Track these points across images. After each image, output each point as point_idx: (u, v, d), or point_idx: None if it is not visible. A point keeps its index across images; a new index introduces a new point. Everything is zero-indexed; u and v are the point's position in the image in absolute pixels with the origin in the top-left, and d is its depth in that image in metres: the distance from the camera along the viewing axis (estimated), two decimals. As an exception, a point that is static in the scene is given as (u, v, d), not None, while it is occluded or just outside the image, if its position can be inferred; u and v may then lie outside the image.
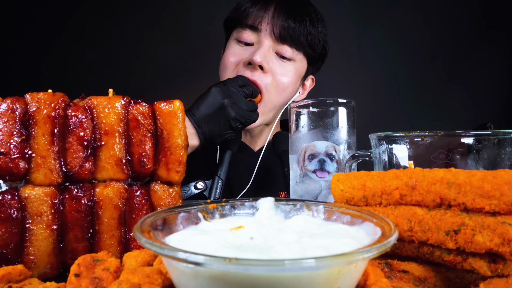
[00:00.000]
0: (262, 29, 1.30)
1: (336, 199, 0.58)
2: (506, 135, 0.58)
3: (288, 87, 1.35)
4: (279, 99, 1.36)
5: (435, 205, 0.49)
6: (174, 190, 0.70)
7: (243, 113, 1.10)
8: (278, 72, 1.32)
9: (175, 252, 0.37)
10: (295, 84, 1.40)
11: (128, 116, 0.67)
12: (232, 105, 1.08)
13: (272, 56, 1.31)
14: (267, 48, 1.30)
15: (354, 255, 0.36)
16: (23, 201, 0.60)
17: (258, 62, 1.25)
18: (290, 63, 1.34)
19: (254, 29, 1.31)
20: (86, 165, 0.64)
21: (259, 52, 1.27)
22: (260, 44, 1.30)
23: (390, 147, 0.67)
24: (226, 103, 1.08)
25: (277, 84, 1.32)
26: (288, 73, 1.34)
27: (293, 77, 1.36)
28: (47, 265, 0.61)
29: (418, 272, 0.50)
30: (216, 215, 0.56)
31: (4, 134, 0.59)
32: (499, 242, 0.43)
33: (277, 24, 1.29)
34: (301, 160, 0.85)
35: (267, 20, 1.29)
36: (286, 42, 1.30)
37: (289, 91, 1.38)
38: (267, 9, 1.31)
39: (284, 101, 1.39)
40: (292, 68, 1.35)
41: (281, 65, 1.33)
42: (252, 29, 1.31)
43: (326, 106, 0.84)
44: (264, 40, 1.30)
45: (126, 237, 0.67)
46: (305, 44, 1.33)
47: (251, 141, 1.51)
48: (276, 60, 1.32)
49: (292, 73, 1.35)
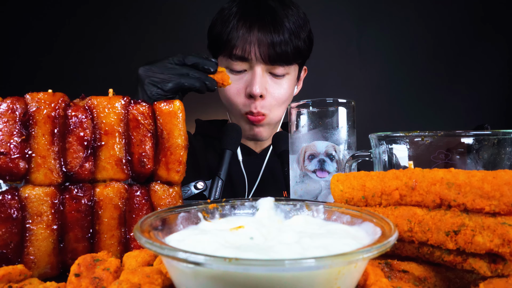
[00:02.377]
0: (251, 58, 1.32)
1: (335, 199, 0.58)
2: (506, 135, 0.58)
3: (287, 99, 1.44)
4: (282, 112, 1.46)
5: (435, 206, 0.49)
6: (174, 190, 0.70)
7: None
8: (276, 93, 1.39)
9: (175, 252, 0.37)
10: (292, 91, 1.48)
11: (128, 116, 0.67)
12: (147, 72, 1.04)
13: (267, 78, 1.37)
14: (261, 73, 1.34)
15: (354, 255, 0.36)
16: (23, 201, 0.60)
17: (258, 94, 1.33)
18: (284, 78, 1.40)
19: (245, 60, 1.34)
20: (86, 165, 0.64)
21: (255, 82, 1.32)
22: (253, 71, 1.34)
23: (390, 147, 0.67)
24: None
25: (278, 101, 1.40)
26: (285, 88, 1.40)
27: (290, 88, 1.43)
28: (47, 265, 0.61)
29: (418, 272, 0.50)
30: (216, 215, 0.56)
31: (4, 134, 0.59)
32: (499, 243, 0.43)
33: (264, 48, 1.30)
34: (301, 160, 0.85)
35: (255, 47, 1.31)
36: (277, 63, 1.34)
37: (288, 101, 1.45)
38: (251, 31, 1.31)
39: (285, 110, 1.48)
40: (288, 81, 1.41)
41: (277, 83, 1.39)
42: (243, 60, 1.34)
43: (326, 106, 0.84)
44: (256, 67, 1.34)
45: (126, 237, 0.67)
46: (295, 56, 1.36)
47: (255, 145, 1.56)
48: (271, 80, 1.38)
49: (289, 86, 1.42)
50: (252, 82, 1.33)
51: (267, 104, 1.38)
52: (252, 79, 1.34)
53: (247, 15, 1.34)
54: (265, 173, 1.46)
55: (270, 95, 1.38)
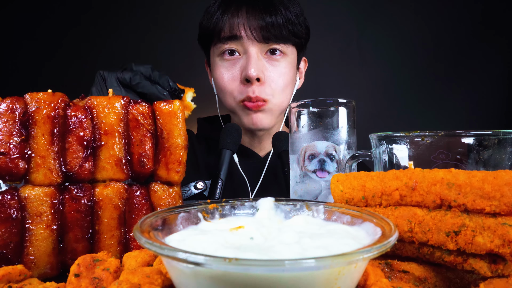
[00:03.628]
0: (243, 36, 1.27)
1: (335, 200, 0.57)
2: (507, 135, 0.58)
3: (288, 84, 1.36)
4: (284, 99, 1.37)
5: (435, 206, 0.49)
6: (174, 190, 0.70)
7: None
8: (275, 76, 1.32)
9: (175, 252, 0.37)
10: (293, 78, 1.40)
11: (128, 116, 0.67)
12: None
13: (263, 62, 1.31)
14: (256, 55, 1.28)
15: (354, 255, 0.36)
16: (23, 201, 0.60)
17: (255, 76, 1.25)
18: (282, 60, 1.33)
19: (234, 38, 1.28)
20: (86, 165, 0.64)
21: (251, 64, 1.26)
22: (248, 54, 1.28)
23: (390, 147, 0.66)
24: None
25: (278, 87, 1.33)
26: (284, 72, 1.33)
27: (290, 72, 1.36)
28: (47, 265, 0.61)
29: (418, 272, 0.50)
30: (216, 215, 0.56)
31: (3, 134, 0.59)
32: (500, 244, 0.43)
33: (255, 26, 1.25)
34: (301, 160, 0.85)
35: (244, 25, 1.26)
36: (271, 41, 1.28)
37: (290, 88, 1.38)
38: (240, 13, 1.27)
39: (289, 98, 1.40)
40: (287, 64, 1.34)
41: (275, 67, 1.32)
42: (232, 39, 1.28)
43: (326, 106, 0.84)
44: (249, 47, 1.28)
45: (126, 237, 0.67)
46: (289, 36, 1.31)
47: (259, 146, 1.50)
48: (269, 64, 1.32)
49: (288, 69, 1.35)
50: (247, 65, 1.26)
51: (267, 90, 1.30)
52: (247, 62, 1.27)
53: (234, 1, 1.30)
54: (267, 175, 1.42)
55: (269, 80, 1.30)
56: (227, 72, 1.33)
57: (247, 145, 1.50)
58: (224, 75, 1.34)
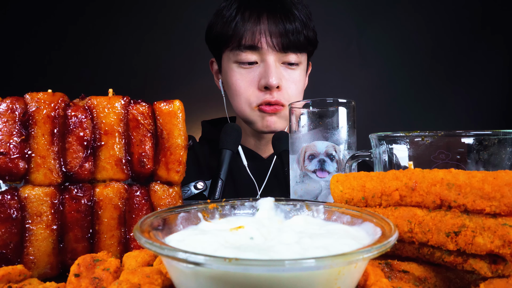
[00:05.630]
0: (262, 47, 1.28)
1: (335, 200, 0.57)
2: (507, 135, 0.58)
3: (302, 89, 1.41)
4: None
5: (435, 207, 0.49)
6: (174, 190, 0.70)
7: None
8: (292, 83, 1.35)
9: (175, 252, 0.37)
10: (305, 83, 1.45)
11: (128, 116, 0.67)
12: None
13: (281, 70, 1.33)
14: (274, 64, 1.30)
15: (354, 255, 0.36)
16: (23, 201, 0.60)
17: (275, 85, 1.28)
18: (298, 67, 1.36)
19: (254, 48, 1.29)
20: (86, 165, 0.64)
21: (271, 73, 1.27)
22: (266, 62, 1.30)
23: (390, 147, 0.66)
24: None
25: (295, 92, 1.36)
26: (299, 80, 1.37)
27: (303, 79, 1.41)
28: (47, 265, 0.61)
29: (418, 272, 0.50)
30: (216, 215, 0.56)
31: (3, 134, 0.59)
32: (500, 244, 0.43)
33: (276, 35, 1.26)
34: (301, 160, 0.85)
35: (265, 34, 1.26)
36: (289, 50, 1.30)
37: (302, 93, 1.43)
38: (261, 20, 1.27)
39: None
40: (300, 72, 1.38)
41: (291, 75, 1.35)
42: (252, 48, 1.29)
43: (326, 106, 0.84)
44: (268, 57, 1.29)
45: (126, 237, 0.67)
46: (306, 44, 1.33)
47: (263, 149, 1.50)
48: (286, 71, 1.34)
49: (302, 77, 1.39)
50: (268, 74, 1.28)
51: (285, 96, 1.33)
52: (266, 70, 1.29)
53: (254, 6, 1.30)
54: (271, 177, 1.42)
55: (286, 87, 1.33)
56: (243, 79, 1.34)
57: (252, 147, 1.50)
58: (240, 81, 1.34)
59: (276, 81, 1.27)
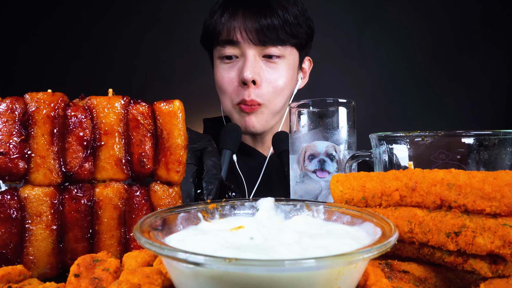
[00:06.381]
0: (239, 41, 1.28)
1: (335, 200, 0.57)
2: (507, 135, 0.58)
3: (285, 87, 1.36)
4: (280, 102, 1.37)
5: (435, 207, 0.48)
6: (174, 190, 0.70)
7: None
8: (272, 79, 1.32)
9: (175, 252, 0.37)
10: (292, 79, 1.40)
11: (127, 116, 0.67)
12: None
13: (260, 64, 1.31)
14: (253, 58, 1.29)
15: (354, 255, 0.36)
16: (23, 201, 0.60)
17: (250, 79, 1.27)
18: (280, 62, 1.33)
19: (231, 43, 1.30)
20: (85, 165, 0.64)
21: (247, 67, 1.27)
22: (245, 57, 1.30)
23: (390, 147, 0.66)
24: None
25: (274, 90, 1.33)
26: (281, 75, 1.34)
27: (287, 74, 1.36)
28: (46, 265, 0.61)
29: (419, 273, 0.49)
30: (216, 215, 0.56)
31: (3, 134, 0.59)
32: (500, 244, 0.43)
33: (251, 29, 1.26)
34: (301, 160, 0.85)
35: (240, 29, 1.27)
36: (268, 44, 1.28)
37: (288, 89, 1.38)
38: (236, 16, 1.28)
39: (286, 100, 1.40)
40: (284, 66, 1.34)
41: (272, 69, 1.32)
42: (230, 43, 1.30)
43: (326, 106, 0.84)
44: (247, 50, 1.29)
45: (126, 237, 0.66)
46: (288, 37, 1.31)
47: (262, 146, 1.50)
48: (266, 66, 1.32)
49: (285, 71, 1.35)
50: (243, 68, 1.27)
51: (264, 92, 1.31)
52: (243, 64, 1.29)
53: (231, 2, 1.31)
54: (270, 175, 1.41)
55: (265, 82, 1.30)
56: (226, 75, 1.35)
57: (251, 144, 1.50)
58: (223, 77, 1.35)
59: (251, 75, 1.26)
